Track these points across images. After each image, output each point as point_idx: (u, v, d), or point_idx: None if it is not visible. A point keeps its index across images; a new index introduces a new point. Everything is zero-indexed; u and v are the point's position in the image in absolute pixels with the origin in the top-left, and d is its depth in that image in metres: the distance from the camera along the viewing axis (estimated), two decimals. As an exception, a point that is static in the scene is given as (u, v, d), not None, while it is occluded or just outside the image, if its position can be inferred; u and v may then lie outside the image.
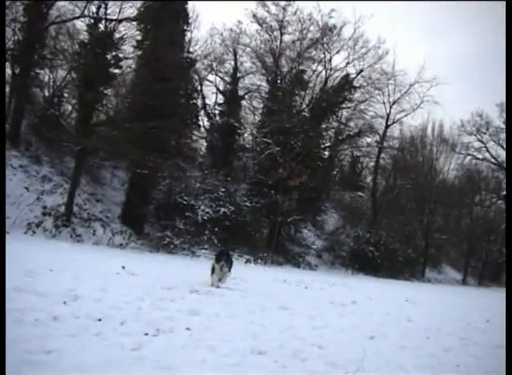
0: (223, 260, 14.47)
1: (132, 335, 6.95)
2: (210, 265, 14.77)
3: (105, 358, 5.67)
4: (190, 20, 37.14)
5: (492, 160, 61.21)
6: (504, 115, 60.15)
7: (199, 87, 41.55)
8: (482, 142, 60.68)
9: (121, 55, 30.23)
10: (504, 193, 59.67)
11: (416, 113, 49.23)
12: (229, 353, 6.83)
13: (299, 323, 9.96)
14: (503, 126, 60.35)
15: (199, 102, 41.42)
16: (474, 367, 8.49)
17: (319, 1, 41.89)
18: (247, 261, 32.09)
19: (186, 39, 37.36)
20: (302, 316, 10.97)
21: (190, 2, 36.71)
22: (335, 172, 46.61)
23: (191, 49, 38.86)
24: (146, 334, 7.15)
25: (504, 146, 61.22)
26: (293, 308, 11.76)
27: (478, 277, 54.47)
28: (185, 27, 35.62)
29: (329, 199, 45.29)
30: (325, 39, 43.10)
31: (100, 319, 7.57)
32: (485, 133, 60.68)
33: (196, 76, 40.59)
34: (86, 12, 29.42)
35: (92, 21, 29.43)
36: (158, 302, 9.88)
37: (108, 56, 29.31)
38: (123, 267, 15.08)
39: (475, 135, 60.32)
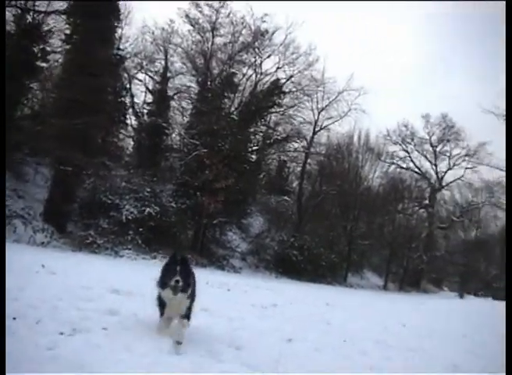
0: (177, 276, 7.43)
1: (47, 334, 6.81)
2: (155, 291, 8.03)
3: (19, 358, 5.59)
4: (121, 17, 36.59)
5: (416, 170, 63.17)
6: (429, 126, 62.05)
7: (128, 85, 41.05)
8: (407, 152, 62.64)
9: (48, 49, 29.64)
10: (427, 202, 61.49)
11: (343, 121, 50.25)
12: (145, 353, 6.82)
13: (218, 324, 10.01)
14: (427, 137, 62.24)
15: (127, 101, 40.87)
16: (388, 368, 8.75)
17: (252, 5, 42.23)
18: (171, 262, 31.92)
19: (117, 36, 36.70)
20: (222, 317, 11.03)
21: (122, -2, 36.20)
22: (261, 175, 46.92)
23: (121, 46, 38.32)
24: (61, 334, 7.00)
25: (427, 156, 63.06)
26: (214, 309, 11.78)
27: (399, 283, 55.80)
28: (116, 24, 34.99)
29: (255, 202, 45.60)
30: (256, 43, 43.45)
31: (15, 318, 7.44)
32: (409, 144, 62.71)
33: (125, 74, 40.10)
34: (13, 2, 28.69)
35: (19, 11, 28.71)
36: (76, 302, 9.73)
37: (35, 49, 28.70)
38: (43, 266, 14.67)
39: (400, 145, 62.29)
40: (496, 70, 79.20)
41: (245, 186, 37.42)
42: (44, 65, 30.09)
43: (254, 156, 45.30)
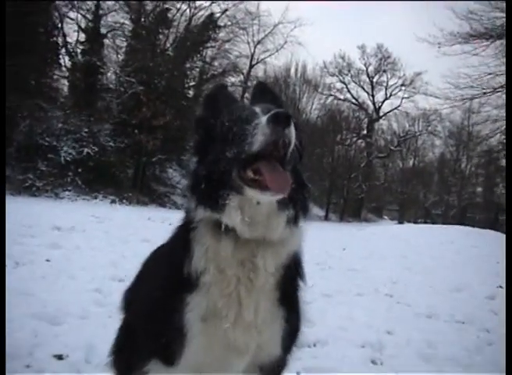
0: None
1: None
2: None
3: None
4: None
5: (353, 101, 63.69)
6: (365, 57, 62.39)
7: (59, 25, 39.87)
8: (344, 83, 63.04)
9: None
10: (365, 132, 62.27)
11: (280, 53, 50.55)
12: (89, 280, 7.01)
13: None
14: (364, 68, 62.58)
15: (59, 40, 39.76)
16: (328, 287, 9.10)
17: None
18: (112, 201, 31.90)
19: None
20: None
21: None
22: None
23: (50, -16, 37.07)
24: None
25: (364, 87, 63.59)
26: (156, 241, 11.93)
27: (340, 213, 56.81)
28: (42, -40, 33.93)
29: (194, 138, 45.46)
30: (189, -23, 42.66)
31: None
32: (346, 75, 63.09)
33: (56, 13, 38.90)
34: None
35: None
36: (18, 238, 9.80)
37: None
38: (-19, 208, 14.60)
39: (337, 76, 62.60)
40: (429, 1, 79.42)
41: (183, 122, 37.18)
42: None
43: (191, 92, 45.03)
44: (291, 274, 2.75)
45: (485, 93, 29.35)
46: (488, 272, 13.51)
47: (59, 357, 4.44)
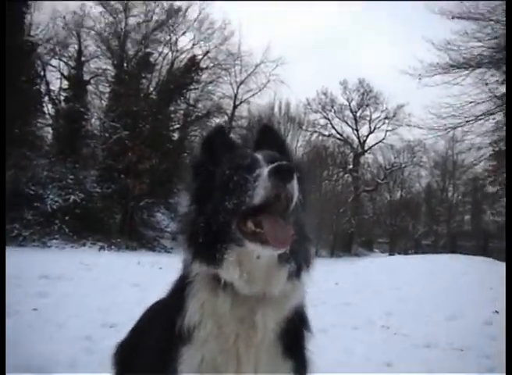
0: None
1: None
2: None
3: None
4: (29, 3, 35.61)
5: (338, 136, 64.01)
6: (348, 92, 62.91)
7: (42, 73, 40.08)
8: (328, 119, 63.44)
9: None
10: (351, 166, 62.50)
11: (263, 93, 50.67)
12: (78, 328, 6.87)
13: (150, 297, 10.05)
14: (347, 103, 63.07)
15: (43, 88, 39.96)
16: (325, 323, 8.99)
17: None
18: (101, 248, 31.70)
19: (27, 22, 35.80)
20: (154, 291, 11.07)
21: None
22: (186, 154, 46.65)
23: (32, 33, 37.20)
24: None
25: (348, 122, 64.01)
26: (146, 285, 11.82)
27: (330, 249, 56.57)
28: (24, 10, 34.11)
29: (181, 181, 45.41)
30: (170, 21, 43.06)
31: None
32: (330, 111, 63.48)
33: (38, 61, 39.09)
34: None
35: None
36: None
37: None
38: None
39: (321, 113, 62.99)
40: (408, 34, 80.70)
41: (169, 165, 37.24)
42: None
43: (176, 135, 45.17)
44: (294, 327, 2.61)
45: (467, 121, 29.63)
46: (483, 298, 13.42)
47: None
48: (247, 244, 2.36)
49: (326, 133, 63.40)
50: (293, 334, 2.61)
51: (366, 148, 65.09)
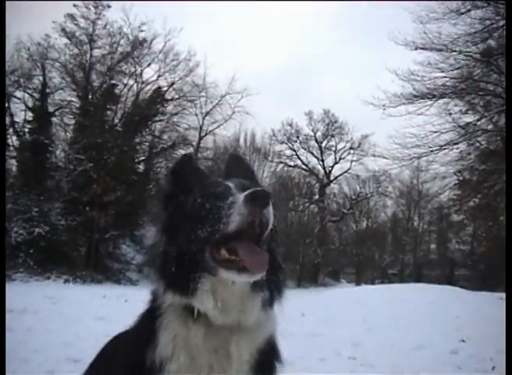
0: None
1: None
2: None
3: None
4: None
5: (303, 167, 64.19)
6: (313, 123, 63.33)
7: (6, 105, 39.82)
8: (293, 150, 63.54)
9: None
10: (317, 197, 62.71)
11: (228, 124, 50.82)
12: (42, 363, 6.77)
13: (116, 331, 9.96)
14: (312, 133, 63.44)
15: (7, 120, 39.68)
16: (291, 354, 8.92)
17: (129, 14, 41.97)
18: (66, 281, 31.37)
19: (-10, 54, 35.58)
20: (119, 324, 10.96)
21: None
22: (151, 185, 46.47)
23: (-4, 64, 37.08)
24: None
25: (314, 152, 64.33)
26: (111, 318, 11.70)
27: (297, 279, 56.44)
28: (-13, 41, 33.98)
29: (147, 213, 45.20)
30: (135, 52, 43.24)
31: None
32: (295, 141, 63.62)
33: (2, 93, 38.90)
34: None
35: None
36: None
37: None
38: None
39: (286, 143, 63.08)
40: (370, 65, 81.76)
41: (135, 197, 37.11)
42: None
43: (141, 167, 45.14)
44: (267, 358, 2.56)
45: (431, 151, 29.98)
46: (449, 327, 13.53)
47: None
48: (222, 272, 2.31)
49: (292, 163, 63.63)
50: (266, 366, 2.55)
51: (332, 178, 65.37)
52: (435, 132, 29.66)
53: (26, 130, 40.30)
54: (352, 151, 63.24)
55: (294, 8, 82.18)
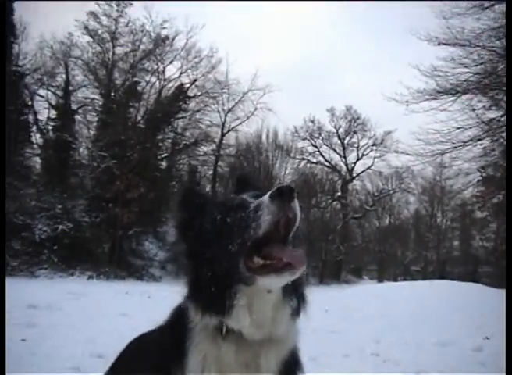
0: None
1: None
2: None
3: None
4: (16, 32, 35.83)
5: (326, 163, 63.99)
6: (335, 119, 63.13)
7: (30, 102, 40.09)
8: (316, 146, 63.37)
9: None
10: (339, 194, 62.53)
11: (250, 121, 50.67)
12: (66, 358, 6.80)
13: (139, 327, 10.00)
14: (334, 130, 63.22)
15: (30, 118, 40.00)
16: (315, 351, 8.92)
17: (152, 12, 42.15)
18: (90, 277, 31.57)
19: (14, 52, 35.87)
20: (142, 320, 11.02)
21: (16, 14, 35.38)
22: (174, 182, 46.55)
23: (20, 63, 37.33)
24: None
25: (336, 149, 64.10)
26: (134, 315, 11.75)
27: (319, 276, 56.32)
28: (12, 40, 34.25)
29: (169, 210, 45.33)
30: (157, 50, 43.45)
31: None
32: (317, 138, 63.41)
33: (26, 91, 39.15)
34: None
35: None
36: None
37: None
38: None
39: (309, 140, 62.96)
40: (394, 60, 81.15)
41: (157, 194, 37.25)
42: None
43: (164, 163, 45.28)
44: (290, 369, 2.51)
45: (455, 147, 29.61)
46: (473, 324, 13.39)
47: None
48: (259, 280, 2.26)
49: (314, 160, 63.49)
50: None
51: (354, 174, 65.17)
52: (459, 128, 29.34)
53: (50, 127, 40.60)
54: (375, 148, 63.03)
55: (319, 5, 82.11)
